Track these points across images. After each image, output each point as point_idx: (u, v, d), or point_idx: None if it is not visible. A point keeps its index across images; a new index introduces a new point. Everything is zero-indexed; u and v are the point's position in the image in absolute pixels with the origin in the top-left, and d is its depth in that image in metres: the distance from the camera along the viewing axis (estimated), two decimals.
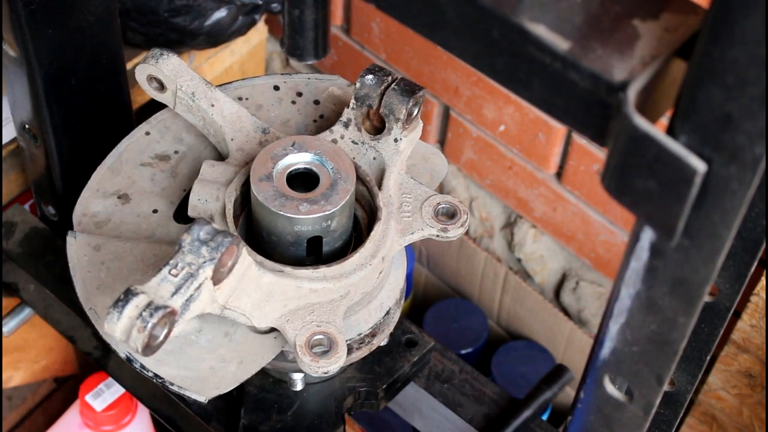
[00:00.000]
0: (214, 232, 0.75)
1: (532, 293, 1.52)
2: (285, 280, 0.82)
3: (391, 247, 0.87)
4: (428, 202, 0.89)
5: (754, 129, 0.46)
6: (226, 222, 0.85)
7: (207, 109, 0.92)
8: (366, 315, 0.90)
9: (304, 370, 0.81)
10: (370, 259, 0.85)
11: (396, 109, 0.87)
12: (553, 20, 0.52)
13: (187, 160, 0.95)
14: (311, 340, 0.81)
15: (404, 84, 0.87)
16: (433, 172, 0.97)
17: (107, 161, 0.94)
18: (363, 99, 0.88)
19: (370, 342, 0.91)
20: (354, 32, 1.47)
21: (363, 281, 0.85)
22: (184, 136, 0.96)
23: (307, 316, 0.83)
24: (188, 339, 0.85)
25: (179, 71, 0.91)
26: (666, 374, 0.62)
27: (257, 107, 0.97)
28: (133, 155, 0.95)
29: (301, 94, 0.98)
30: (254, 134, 0.91)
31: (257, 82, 0.99)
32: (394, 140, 0.89)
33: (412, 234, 0.88)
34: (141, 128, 0.96)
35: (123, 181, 0.93)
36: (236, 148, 0.91)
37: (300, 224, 0.82)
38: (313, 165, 0.85)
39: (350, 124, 0.90)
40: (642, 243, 0.54)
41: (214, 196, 0.87)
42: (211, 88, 0.92)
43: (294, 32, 0.76)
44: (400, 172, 0.90)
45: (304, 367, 0.81)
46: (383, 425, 1.53)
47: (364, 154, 0.90)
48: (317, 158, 0.85)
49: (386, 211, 0.87)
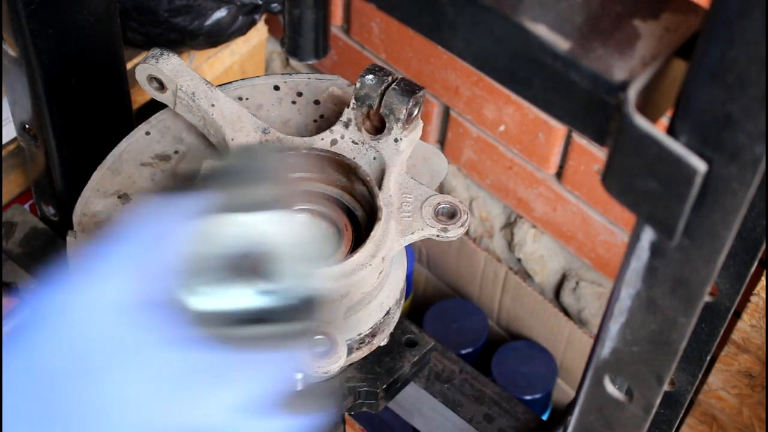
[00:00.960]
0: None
1: (532, 293, 1.52)
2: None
3: (391, 247, 0.87)
4: (428, 202, 0.89)
5: (755, 129, 0.46)
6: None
7: (207, 109, 0.92)
8: (366, 315, 0.90)
9: (304, 370, 0.81)
10: (370, 259, 0.85)
11: (396, 109, 0.87)
12: (553, 20, 0.52)
13: (187, 160, 0.95)
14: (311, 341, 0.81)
15: (404, 84, 0.87)
16: (433, 172, 0.97)
17: (107, 161, 0.94)
18: (363, 99, 0.88)
19: (370, 342, 0.91)
20: (354, 32, 1.47)
21: (363, 281, 0.85)
22: (185, 136, 0.96)
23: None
24: None
25: (179, 71, 0.91)
26: (666, 374, 0.62)
27: (257, 107, 0.97)
28: (133, 155, 0.95)
29: (302, 94, 0.98)
30: (254, 134, 0.91)
31: (257, 82, 0.99)
32: (395, 140, 0.89)
33: (412, 234, 0.88)
34: (141, 128, 0.96)
35: (123, 180, 0.93)
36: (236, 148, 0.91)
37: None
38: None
39: (350, 124, 0.90)
40: (642, 243, 0.54)
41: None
42: (211, 88, 0.92)
43: (294, 32, 0.76)
44: (400, 172, 0.90)
45: (305, 367, 0.81)
46: (383, 425, 1.53)
47: (364, 154, 0.90)
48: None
49: (386, 211, 0.87)
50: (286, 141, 0.91)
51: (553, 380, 1.54)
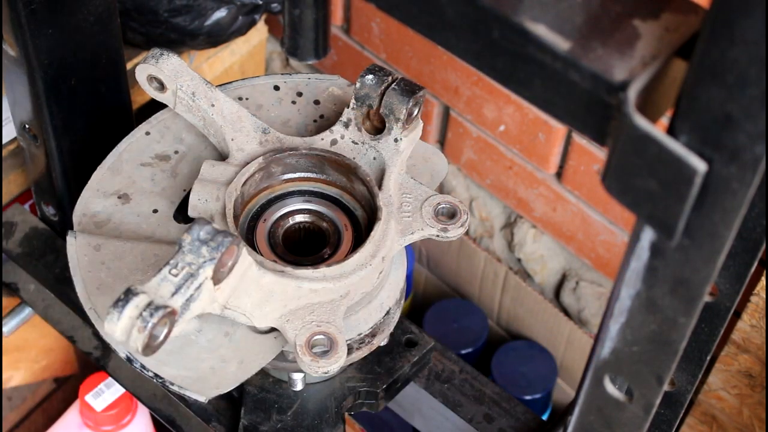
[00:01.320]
0: (214, 232, 0.74)
1: (532, 293, 1.52)
2: (285, 279, 0.82)
3: (391, 247, 0.87)
4: (428, 202, 0.89)
5: (754, 129, 0.46)
6: (227, 222, 0.85)
7: (207, 109, 0.92)
8: (366, 315, 0.90)
9: (305, 370, 0.81)
10: (370, 259, 0.85)
11: (396, 109, 0.87)
12: (553, 20, 0.52)
13: (187, 160, 0.95)
14: (311, 340, 0.81)
15: (404, 84, 0.87)
16: (433, 172, 0.97)
17: (107, 161, 0.94)
18: (363, 99, 0.88)
19: (370, 342, 0.91)
20: (354, 32, 1.47)
21: (363, 281, 0.85)
22: (185, 136, 0.96)
23: (307, 316, 0.83)
24: (188, 339, 0.85)
25: (179, 71, 0.91)
26: (666, 374, 0.62)
27: (257, 107, 0.97)
28: (133, 155, 0.95)
29: (302, 94, 0.98)
30: (254, 134, 0.91)
31: (257, 82, 0.99)
32: (395, 140, 0.89)
33: (412, 234, 0.88)
34: (141, 128, 0.96)
35: (123, 180, 0.93)
36: (236, 148, 0.91)
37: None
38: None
39: (350, 124, 0.90)
40: (642, 243, 0.54)
41: (214, 196, 0.87)
42: (211, 88, 0.92)
43: (294, 32, 0.76)
44: (400, 172, 0.90)
45: (304, 367, 0.81)
46: (383, 425, 1.53)
47: (364, 154, 0.90)
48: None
49: (386, 211, 0.87)
50: (286, 141, 0.91)
51: (553, 380, 1.54)
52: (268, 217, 0.90)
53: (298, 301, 0.83)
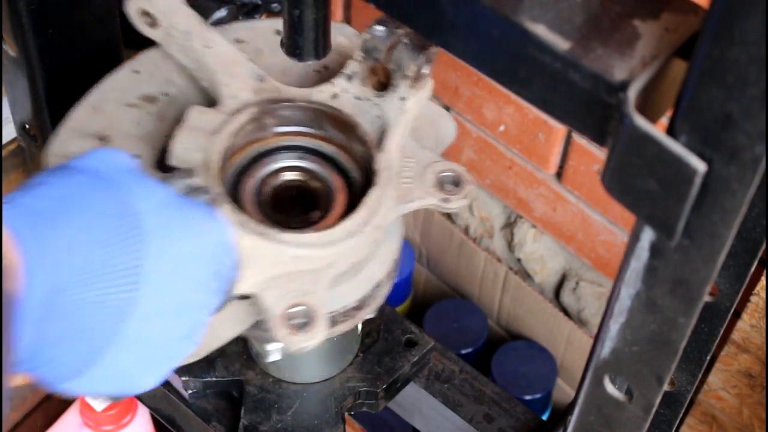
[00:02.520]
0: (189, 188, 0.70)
1: (532, 293, 1.52)
2: (267, 243, 0.74)
3: (387, 214, 0.79)
4: (431, 169, 0.81)
5: (754, 129, 0.46)
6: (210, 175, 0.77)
7: (201, 51, 0.84)
8: (354, 287, 0.83)
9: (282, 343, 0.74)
10: (362, 226, 0.77)
11: (405, 65, 0.80)
12: (553, 20, 0.52)
13: (176, 104, 0.87)
14: (289, 312, 0.74)
15: (416, 39, 0.79)
16: (439, 135, 0.89)
17: (89, 99, 0.86)
18: (370, 51, 0.81)
19: (355, 315, 0.84)
20: None
21: (352, 250, 0.78)
22: (175, 78, 0.88)
23: (287, 284, 0.75)
24: None
25: (174, 7, 0.84)
26: (666, 374, 0.62)
27: (257, 52, 0.89)
28: (117, 94, 0.86)
29: None
30: (250, 81, 0.84)
31: (260, 24, 0.91)
32: (401, 98, 0.81)
33: (411, 202, 0.80)
34: (129, 65, 0.88)
35: (105, 121, 0.85)
36: (229, 95, 0.83)
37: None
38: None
39: (354, 78, 0.83)
40: (642, 243, 0.54)
41: (198, 146, 0.79)
42: (207, 28, 0.85)
43: (294, 32, 0.76)
44: (403, 135, 0.83)
45: (281, 339, 0.74)
46: (383, 425, 1.53)
47: (367, 111, 0.83)
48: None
49: (385, 175, 0.80)
50: (283, 91, 0.84)
51: (553, 380, 1.54)
52: (257, 172, 0.83)
53: (278, 268, 0.75)
